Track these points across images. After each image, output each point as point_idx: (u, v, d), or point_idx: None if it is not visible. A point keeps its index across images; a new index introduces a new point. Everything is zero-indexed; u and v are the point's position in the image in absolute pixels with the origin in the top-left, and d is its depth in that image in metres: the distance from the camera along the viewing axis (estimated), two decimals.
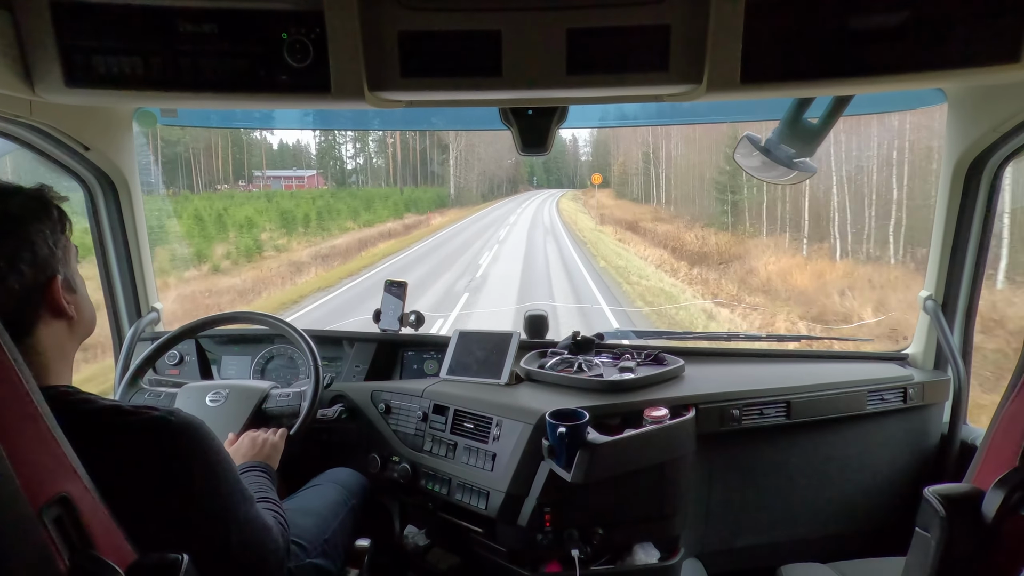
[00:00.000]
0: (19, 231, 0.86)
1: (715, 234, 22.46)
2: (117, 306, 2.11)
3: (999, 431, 0.87)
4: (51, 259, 0.89)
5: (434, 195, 49.44)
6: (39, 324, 0.89)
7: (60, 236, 0.92)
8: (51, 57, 1.16)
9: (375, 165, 59.20)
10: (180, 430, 0.92)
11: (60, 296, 0.90)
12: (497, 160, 62.72)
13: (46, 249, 0.88)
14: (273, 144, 48.01)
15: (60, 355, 0.94)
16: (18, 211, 0.87)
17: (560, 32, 1.15)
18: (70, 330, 0.95)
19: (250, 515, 1.04)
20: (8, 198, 0.88)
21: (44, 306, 0.89)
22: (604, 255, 19.87)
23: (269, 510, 1.21)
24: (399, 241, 26.33)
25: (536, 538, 1.60)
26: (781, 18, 1.12)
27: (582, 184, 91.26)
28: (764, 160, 1.54)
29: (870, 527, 1.98)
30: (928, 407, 1.93)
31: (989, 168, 1.67)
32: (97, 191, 1.93)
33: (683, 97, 1.25)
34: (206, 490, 0.95)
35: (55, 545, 0.67)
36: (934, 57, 1.11)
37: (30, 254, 0.86)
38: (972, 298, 1.83)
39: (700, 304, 13.28)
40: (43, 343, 0.90)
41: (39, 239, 0.87)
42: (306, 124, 2.70)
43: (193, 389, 1.79)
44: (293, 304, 13.66)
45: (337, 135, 56.39)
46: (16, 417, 0.68)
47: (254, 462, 1.45)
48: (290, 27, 1.15)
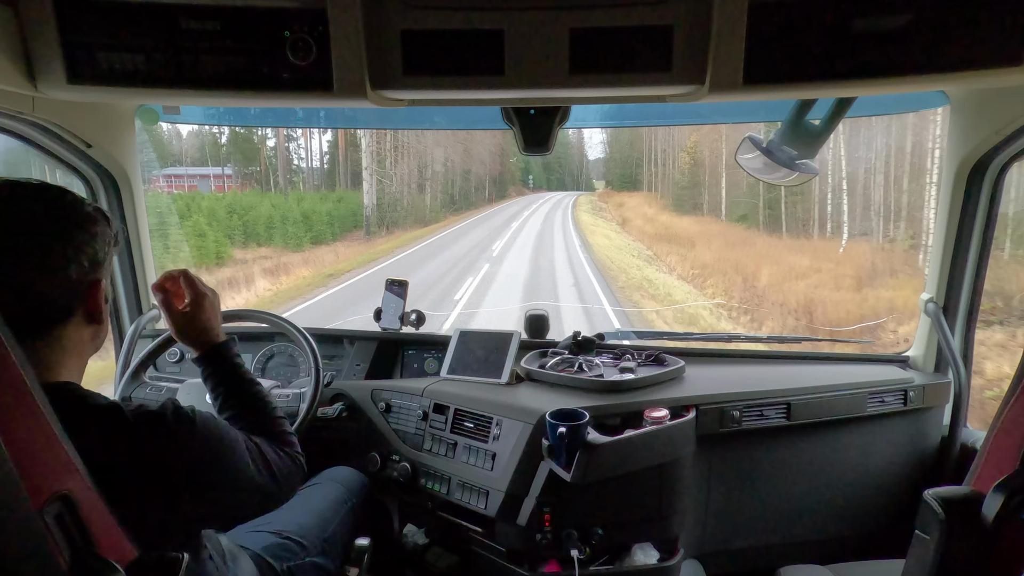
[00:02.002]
0: (89, 229, 0.91)
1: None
2: (118, 303, 2.11)
3: (999, 434, 0.87)
4: (103, 264, 0.94)
5: (349, 210, 27.91)
6: (72, 321, 0.92)
7: (111, 248, 0.97)
8: (54, 53, 1.16)
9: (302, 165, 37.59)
10: (174, 418, 0.92)
11: (100, 302, 0.94)
12: (471, 150, 42.48)
13: (102, 254, 0.93)
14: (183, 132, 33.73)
15: (78, 356, 0.95)
16: (91, 212, 0.93)
17: (563, 32, 1.15)
18: (94, 335, 0.97)
19: (260, 466, 1.05)
20: (82, 202, 0.93)
21: (83, 306, 0.92)
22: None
23: (280, 428, 1.21)
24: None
25: (535, 538, 1.60)
26: (784, 19, 1.12)
27: (588, 185, 78.06)
28: (766, 161, 1.54)
29: (869, 529, 1.98)
30: (928, 410, 1.93)
31: (991, 171, 1.67)
32: (99, 188, 1.93)
33: (686, 98, 1.25)
34: (211, 468, 0.96)
35: (56, 543, 0.67)
36: (937, 59, 1.10)
37: (92, 251, 0.91)
38: (973, 301, 1.83)
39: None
40: (70, 340, 0.92)
41: (100, 242, 0.93)
42: (307, 122, 2.71)
43: (194, 386, 1.79)
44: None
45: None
46: (18, 414, 0.68)
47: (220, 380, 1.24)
48: (293, 25, 1.15)
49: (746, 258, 16.73)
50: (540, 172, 75.45)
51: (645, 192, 38.75)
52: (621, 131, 50.53)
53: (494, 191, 53.38)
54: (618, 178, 56.61)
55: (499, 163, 51.98)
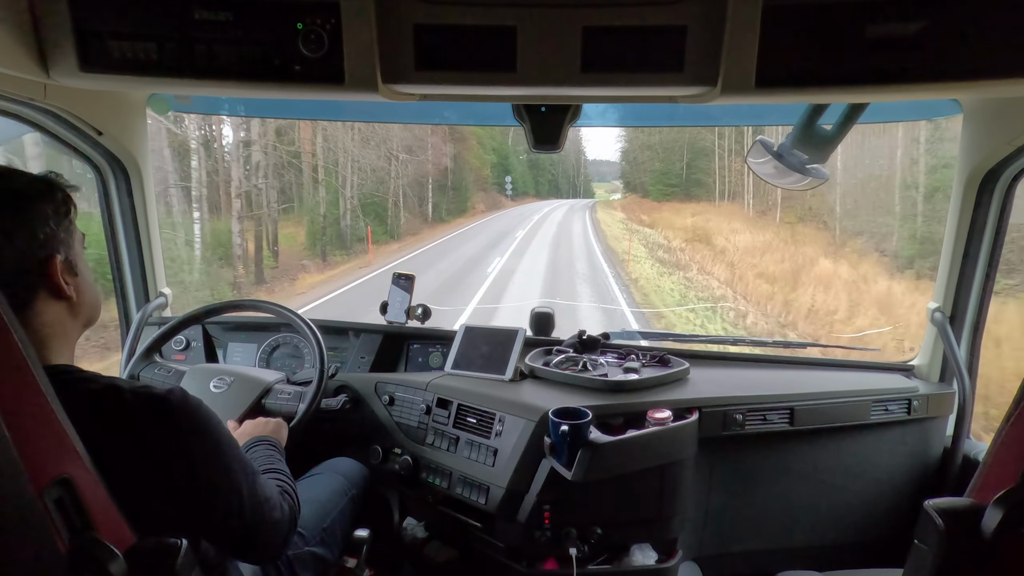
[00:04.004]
0: (20, 208, 0.89)
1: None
2: (125, 290, 2.13)
3: (1001, 447, 0.86)
4: (52, 239, 0.92)
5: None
6: (37, 301, 0.91)
7: (64, 219, 0.94)
8: (66, 41, 1.16)
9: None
10: (178, 407, 0.92)
11: (59, 276, 0.92)
12: (410, 146, 25.37)
13: (47, 229, 0.91)
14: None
15: (61, 335, 0.95)
16: (22, 189, 0.91)
17: (576, 29, 1.14)
18: (71, 312, 0.96)
19: (253, 489, 1.04)
20: (14, 178, 0.91)
21: (42, 284, 0.91)
22: None
23: (277, 481, 1.22)
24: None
25: (534, 535, 1.61)
26: (798, 23, 1.11)
27: (587, 191, 66.75)
28: (777, 166, 1.53)
29: (868, 538, 1.97)
30: (932, 420, 1.92)
31: (1002, 181, 1.66)
32: (109, 175, 1.94)
33: (697, 99, 1.25)
34: (206, 467, 0.96)
35: (56, 526, 0.68)
36: (951, 68, 1.09)
37: (28, 231, 0.89)
38: (980, 312, 1.82)
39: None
40: (41, 320, 0.91)
41: (40, 218, 0.90)
42: (316, 115, 2.71)
43: (199, 372, 1.80)
44: None
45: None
46: (21, 397, 0.68)
47: (261, 436, 1.45)
48: (306, 17, 1.15)
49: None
50: (526, 173, 53.86)
51: (718, 202, 23.49)
52: (645, 132, 35.89)
53: (451, 207, 31.54)
54: (659, 181, 35.90)
55: (455, 161, 32.07)
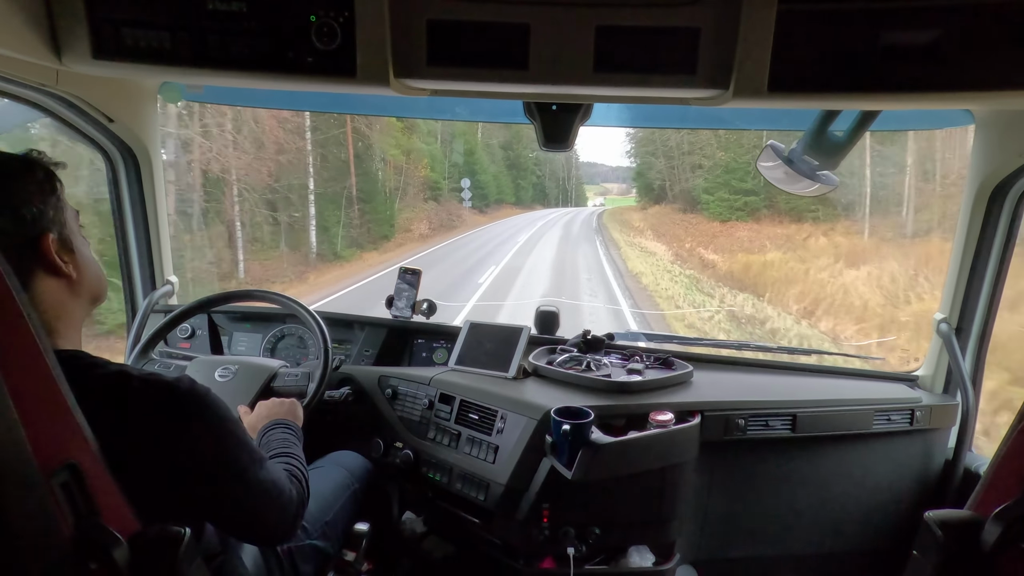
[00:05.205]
0: (19, 182, 0.89)
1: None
2: (132, 277, 2.14)
3: (1004, 461, 0.86)
4: (40, 218, 0.91)
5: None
6: (33, 281, 0.91)
7: (50, 196, 0.94)
8: (80, 28, 1.17)
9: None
10: (186, 394, 0.93)
11: (52, 254, 0.92)
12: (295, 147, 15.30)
13: (33, 208, 0.90)
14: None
15: (64, 316, 0.95)
16: (22, 166, 0.91)
17: (589, 29, 1.14)
18: (71, 290, 0.96)
19: (260, 476, 1.04)
20: (12, 157, 0.91)
21: (38, 265, 0.91)
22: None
23: (289, 465, 1.21)
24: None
25: (532, 533, 1.61)
26: (812, 28, 1.11)
27: (579, 199, 59.50)
28: (787, 171, 1.53)
29: (867, 547, 1.97)
30: (934, 431, 1.91)
31: (1013, 193, 1.65)
32: (119, 163, 1.95)
33: (709, 102, 1.24)
34: (214, 454, 0.96)
35: (61, 511, 0.69)
36: (964, 77, 1.09)
37: (10, 211, 0.88)
38: (987, 324, 1.81)
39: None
40: (40, 300, 0.91)
41: (22, 196, 0.90)
42: (325, 107, 2.72)
43: (204, 362, 1.81)
44: None
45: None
46: (31, 382, 0.69)
47: (278, 419, 1.44)
48: (319, 9, 1.15)
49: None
50: (502, 175, 40.50)
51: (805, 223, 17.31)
52: (664, 135, 26.12)
53: (362, 227, 18.99)
54: (721, 185, 22.00)
55: (366, 154, 20.26)
